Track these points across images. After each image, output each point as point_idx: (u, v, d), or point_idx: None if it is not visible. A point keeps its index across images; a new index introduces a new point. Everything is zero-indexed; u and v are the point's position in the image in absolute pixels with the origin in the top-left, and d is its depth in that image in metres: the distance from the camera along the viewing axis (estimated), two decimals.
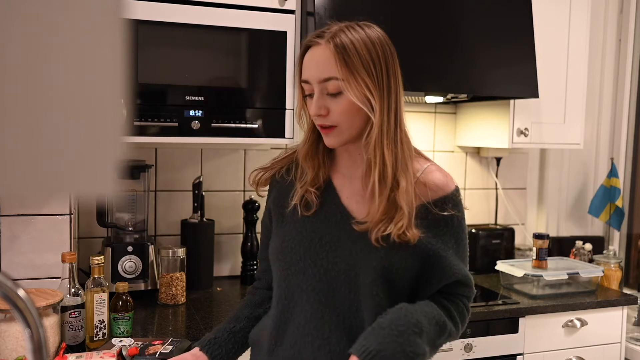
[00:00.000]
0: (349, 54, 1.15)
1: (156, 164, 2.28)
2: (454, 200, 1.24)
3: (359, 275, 1.18)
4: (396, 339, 1.10)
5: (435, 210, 1.21)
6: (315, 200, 1.24)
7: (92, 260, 1.62)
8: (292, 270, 1.23)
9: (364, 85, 1.15)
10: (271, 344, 1.26)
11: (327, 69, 1.16)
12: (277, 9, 1.95)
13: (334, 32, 1.18)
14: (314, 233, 1.23)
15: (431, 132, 2.71)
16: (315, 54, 1.19)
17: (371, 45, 1.17)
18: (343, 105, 1.17)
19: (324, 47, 1.17)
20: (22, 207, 1.71)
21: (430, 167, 1.27)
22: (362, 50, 1.16)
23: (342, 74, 1.15)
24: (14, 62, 0.41)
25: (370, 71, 1.16)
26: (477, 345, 2.06)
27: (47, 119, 0.42)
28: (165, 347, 1.52)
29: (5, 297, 0.61)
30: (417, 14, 2.09)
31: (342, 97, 1.17)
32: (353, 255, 1.19)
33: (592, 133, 2.99)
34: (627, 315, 2.35)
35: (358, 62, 1.15)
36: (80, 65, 0.42)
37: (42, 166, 0.42)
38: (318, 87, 1.18)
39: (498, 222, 2.80)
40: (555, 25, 2.43)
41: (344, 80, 1.15)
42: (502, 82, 2.20)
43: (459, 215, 1.24)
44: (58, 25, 0.42)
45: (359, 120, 1.19)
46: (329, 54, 1.16)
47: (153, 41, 1.84)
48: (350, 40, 1.16)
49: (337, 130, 1.19)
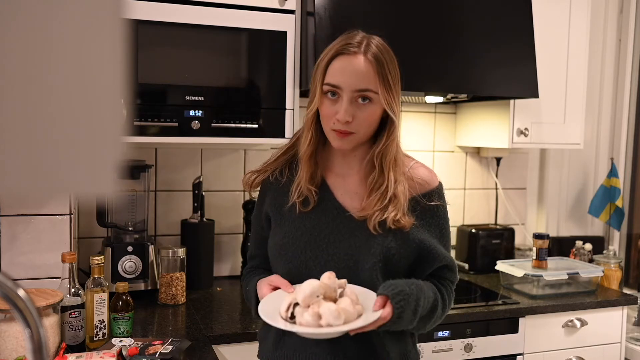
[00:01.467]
0: (385, 68, 1.25)
1: (156, 164, 2.28)
2: (438, 193, 1.36)
3: (358, 263, 1.27)
4: (414, 288, 1.23)
5: (424, 201, 1.32)
6: (314, 197, 1.32)
7: (92, 260, 1.62)
8: (294, 264, 1.30)
9: (392, 97, 1.26)
10: (278, 336, 1.32)
11: (366, 81, 1.24)
12: (277, 9, 1.95)
13: (368, 43, 1.26)
14: (313, 228, 1.31)
15: (431, 132, 2.71)
16: (354, 63, 1.25)
17: (393, 58, 1.29)
18: (369, 114, 1.26)
19: (363, 59, 1.25)
20: (22, 207, 1.71)
21: (416, 164, 1.38)
22: (391, 65, 1.27)
23: (379, 87, 1.25)
24: (14, 62, 0.41)
25: (396, 84, 1.28)
26: (477, 345, 2.06)
27: (47, 119, 0.42)
28: (165, 347, 1.52)
29: (5, 297, 0.61)
30: (417, 14, 2.09)
31: (370, 106, 1.26)
32: (352, 245, 1.28)
33: (592, 133, 2.99)
34: (627, 315, 2.35)
35: (390, 75, 1.26)
36: (80, 65, 0.42)
37: (42, 166, 0.42)
38: (350, 95, 1.25)
39: (498, 222, 2.80)
40: (555, 25, 2.43)
41: (380, 92, 1.25)
42: (502, 82, 2.20)
43: (443, 206, 1.36)
44: (58, 25, 0.42)
45: (374, 127, 1.30)
46: (369, 67, 1.25)
47: (153, 41, 1.84)
48: (382, 54, 1.26)
49: (355, 136, 1.27)
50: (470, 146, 2.72)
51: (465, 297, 2.32)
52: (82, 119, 0.43)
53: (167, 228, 2.30)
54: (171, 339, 1.60)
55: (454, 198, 2.75)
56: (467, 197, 2.78)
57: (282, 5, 1.95)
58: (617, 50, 3.00)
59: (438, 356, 2.02)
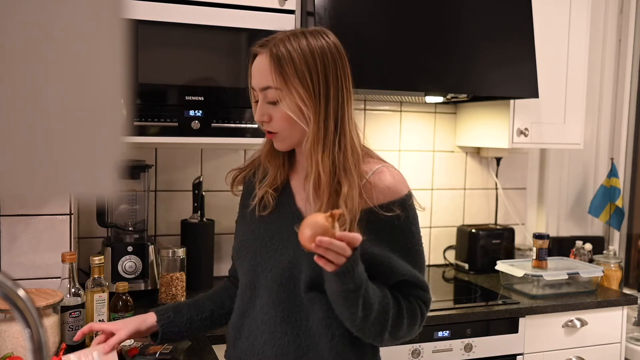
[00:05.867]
0: (284, 64, 1.18)
1: (156, 164, 2.28)
2: (402, 204, 1.23)
3: (300, 273, 1.23)
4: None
5: (381, 212, 1.20)
6: (271, 201, 1.29)
7: (92, 260, 1.62)
8: (246, 268, 1.30)
9: (297, 95, 1.19)
10: (235, 337, 1.34)
11: (265, 78, 1.21)
12: (277, 9, 1.95)
13: (276, 42, 1.21)
14: (265, 233, 1.29)
15: (431, 132, 2.71)
16: (257, 62, 1.24)
17: (309, 55, 1.19)
18: (281, 114, 1.22)
19: (264, 56, 1.22)
20: (22, 207, 1.71)
21: (381, 169, 1.25)
22: (298, 61, 1.18)
23: (277, 83, 1.19)
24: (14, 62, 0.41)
25: (305, 81, 1.19)
26: (477, 345, 2.06)
27: (47, 119, 0.42)
28: (165, 347, 1.52)
29: (5, 297, 0.61)
30: (417, 14, 2.09)
31: (279, 106, 1.22)
32: (296, 254, 1.23)
33: (592, 133, 2.99)
34: (627, 315, 2.35)
35: (292, 72, 1.18)
36: (80, 65, 0.42)
37: (42, 166, 0.42)
38: (261, 94, 1.24)
39: (498, 222, 2.80)
40: (555, 25, 2.43)
41: (279, 90, 1.20)
42: (502, 82, 2.20)
43: (407, 218, 1.23)
44: (58, 25, 0.42)
45: (298, 128, 1.22)
46: (266, 64, 1.21)
47: (153, 41, 1.84)
48: (288, 50, 1.19)
49: (279, 136, 1.25)
50: (470, 146, 2.72)
51: (465, 297, 2.33)
52: (82, 119, 0.43)
53: (167, 228, 2.30)
54: None
55: (454, 198, 2.75)
56: (467, 197, 2.78)
57: (282, 5, 1.95)
58: (617, 50, 3.00)
59: (438, 356, 2.02)
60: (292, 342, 1.24)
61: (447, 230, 2.74)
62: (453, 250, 2.73)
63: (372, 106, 2.59)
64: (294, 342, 1.24)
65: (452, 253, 2.73)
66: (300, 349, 1.24)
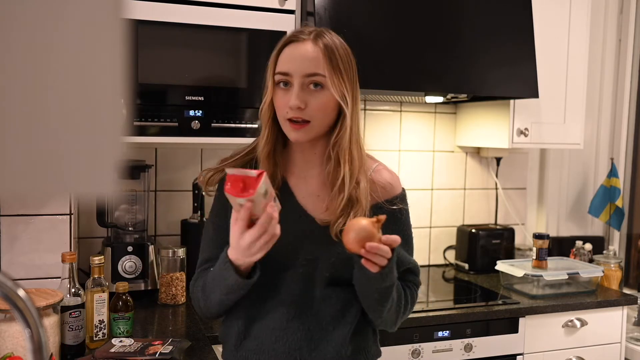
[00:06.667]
0: (335, 55, 1.24)
1: (156, 164, 2.28)
2: (402, 199, 1.35)
3: (316, 270, 1.27)
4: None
5: (387, 206, 1.30)
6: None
7: (92, 260, 1.62)
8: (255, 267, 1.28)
9: (343, 84, 1.24)
10: (239, 339, 1.32)
11: (314, 65, 1.23)
12: (277, 9, 1.95)
13: (318, 33, 1.26)
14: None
15: (431, 132, 2.71)
16: (302, 49, 1.25)
17: (348, 52, 1.28)
18: (322, 101, 1.23)
19: (312, 44, 1.24)
20: (22, 207, 1.71)
21: (380, 167, 1.36)
22: (343, 54, 1.26)
23: (328, 71, 1.23)
24: (14, 62, 0.41)
25: (349, 73, 1.26)
26: (477, 345, 2.06)
27: (47, 119, 0.42)
28: (165, 347, 1.52)
29: (5, 297, 0.61)
30: (417, 14, 2.09)
31: (322, 92, 1.23)
32: (312, 251, 1.27)
33: (592, 133, 2.99)
34: (627, 315, 2.35)
35: (341, 63, 1.24)
36: (80, 65, 0.42)
37: (42, 166, 0.42)
38: (300, 80, 1.23)
39: (498, 222, 2.80)
40: (555, 25, 2.43)
41: (328, 77, 1.22)
42: (502, 82, 2.20)
43: (407, 211, 1.36)
44: (58, 25, 0.42)
45: (331, 118, 1.26)
46: (317, 51, 1.23)
47: (153, 41, 1.84)
48: (334, 43, 1.25)
49: (310, 126, 1.25)
50: (470, 146, 2.72)
51: (465, 297, 2.33)
52: (82, 119, 0.43)
53: (167, 228, 2.30)
54: (171, 339, 1.60)
55: (454, 198, 2.75)
56: (467, 197, 2.78)
57: (282, 5, 1.95)
58: (617, 50, 3.00)
59: (438, 356, 2.02)
60: (304, 337, 1.26)
61: (447, 230, 2.74)
62: (453, 250, 2.73)
63: (372, 106, 2.59)
64: (306, 336, 1.27)
65: (452, 253, 2.74)
66: (312, 342, 1.27)
